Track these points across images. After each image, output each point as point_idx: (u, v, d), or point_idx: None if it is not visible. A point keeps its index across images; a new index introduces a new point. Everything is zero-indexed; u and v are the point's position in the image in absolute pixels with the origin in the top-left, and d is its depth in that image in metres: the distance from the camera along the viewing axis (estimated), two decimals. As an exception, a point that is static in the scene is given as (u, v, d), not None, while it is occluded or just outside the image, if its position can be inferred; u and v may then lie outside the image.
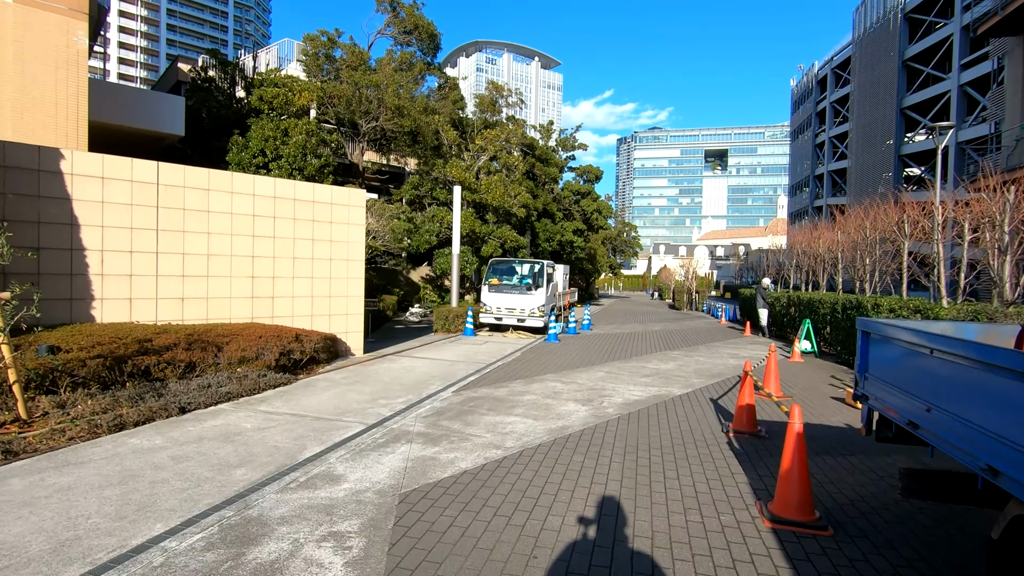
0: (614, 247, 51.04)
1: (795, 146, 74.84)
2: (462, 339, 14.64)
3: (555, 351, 12.90)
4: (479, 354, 11.95)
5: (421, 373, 9.38)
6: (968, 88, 36.28)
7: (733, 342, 16.21)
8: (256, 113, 17.96)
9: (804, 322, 13.59)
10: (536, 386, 8.59)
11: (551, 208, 26.56)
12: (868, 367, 4.03)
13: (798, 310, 16.26)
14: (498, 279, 16.40)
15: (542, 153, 26.50)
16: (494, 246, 20.87)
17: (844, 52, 57.41)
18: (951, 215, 11.86)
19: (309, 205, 10.30)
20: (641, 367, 10.92)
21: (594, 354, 12.61)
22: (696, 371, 10.65)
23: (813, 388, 9.29)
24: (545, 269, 15.94)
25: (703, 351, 13.87)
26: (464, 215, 20.36)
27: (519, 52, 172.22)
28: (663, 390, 8.63)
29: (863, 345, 4.07)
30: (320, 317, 10.48)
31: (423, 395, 7.66)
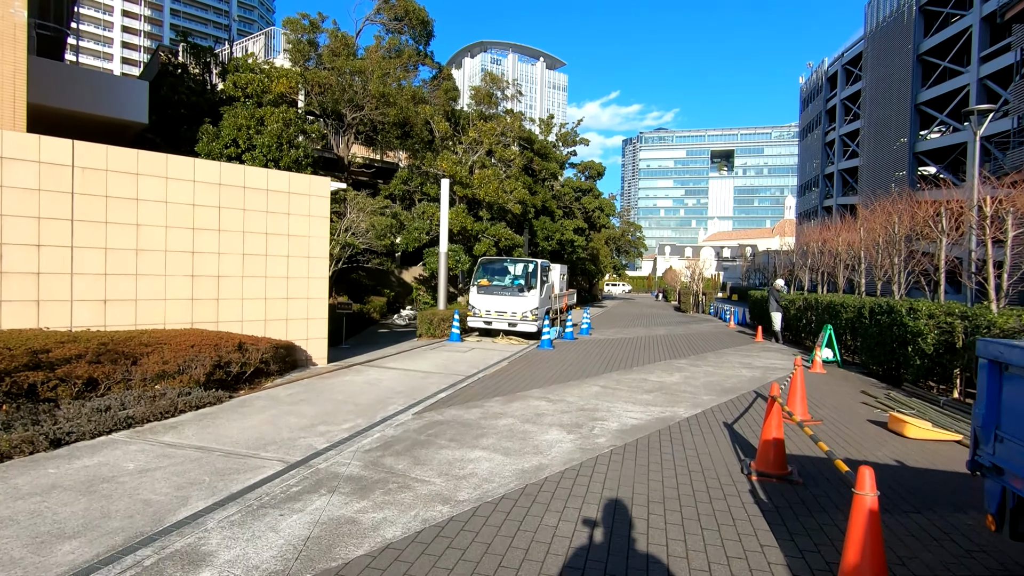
0: (618, 247, 49.65)
1: (804, 145, 73.21)
2: (446, 345, 13.33)
3: (547, 360, 11.56)
4: (460, 363, 10.63)
5: (385, 388, 8.06)
6: (988, 81, 34.69)
7: (744, 349, 14.82)
8: (231, 101, 16.75)
9: (825, 328, 12.20)
10: (517, 405, 7.26)
11: (550, 205, 25.23)
12: (1002, 419, 2.61)
13: (816, 314, 14.85)
14: (488, 280, 15.09)
15: (541, 147, 25.18)
16: (487, 244, 19.56)
17: (855, 48, 55.86)
18: (988, 209, 10.45)
19: (262, 194, 9.01)
20: (642, 380, 9.56)
21: (590, 363, 11.27)
22: (705, 385, 9.28)
23: (844, 408, 7.91)
24: (539, 269, 14.63)
25: (712, 360, 12.50)
26: (455, 211, 19.07)
27: (524, 52, 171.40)
28: (667, 411, 7.28)
29: (991, 383, 2.64)
30: (275, 322, 9.19)
31: (376, 418, 6.34)
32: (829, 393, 8.97)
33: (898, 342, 9.88)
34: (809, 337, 15.99)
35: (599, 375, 9.92)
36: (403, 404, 7.12)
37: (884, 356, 10.44)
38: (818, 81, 66.16)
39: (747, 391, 8.91)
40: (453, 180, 19.52)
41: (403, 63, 19.44)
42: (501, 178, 20.10)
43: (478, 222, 20.32)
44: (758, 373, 10.75)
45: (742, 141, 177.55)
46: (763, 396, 8.49)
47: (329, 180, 9.81)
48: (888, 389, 9.45)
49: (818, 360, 11.43)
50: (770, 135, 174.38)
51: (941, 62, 39.92)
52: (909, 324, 9.44)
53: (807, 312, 15.94)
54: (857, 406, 8.08)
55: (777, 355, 13.69)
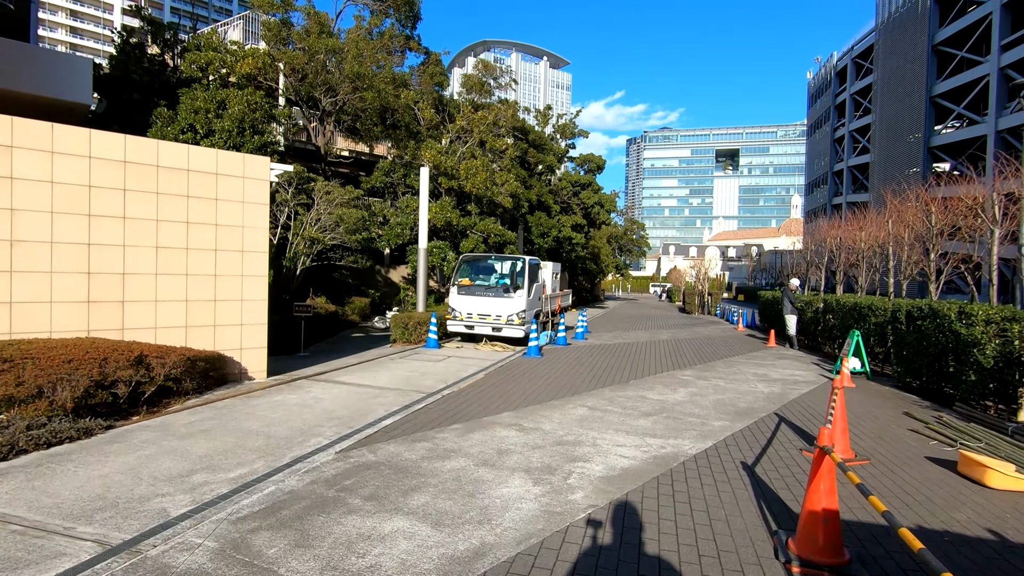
0: (620, 246, 48.08)
1: (812, 142, 71.37)
2: (421, 353, 11.80)
3: (531, 371, 10.01)
4: (428, 376, 9.09)
5: (319, 412, 6.53)
6: (1010, 71, 32.90)
7: (757, 357, 13.23)
8: (193, 84, 15.28)
9: (852, 334, 10.60)
10: (478, 437, 5.72)
11: (546, 200, 23.67)
12: None
13: (837, 318, 13.24)
14: (470, 279, 13.55)
15: (537, 138, 23.63)
16: (475, 241, 18.04)
17: (866, 41, 54.07)
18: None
19: (181, 175, 7.50)
20: (640, 398, 8.00)
21: (581, 376, 9.71)
22: (716, 405, 7.71)
23: (890, 438, 6.33)
24: (527, 267, 13.08)
25: (721, 370, 10.92)
26: (440, 204, 17.55)
27: (528, 51, 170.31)
28: (669, 444, 5.73)
29: None
30: (200, 329, 7.68)
31: (283, 460, 4.81)
32: (866, 416, 7.38)
33: (945, 352, 8.29)
34: (828, 343, 14.38)
35: (589, 391, 8.37)
36: (331, 436, 5.58)
37: (926, 368, 8.85)
38: (826, 76, 64.36)
39: (766, 412, 7.34)
40: (438, 171, 18.02)
41: (383, 45, 17.94)
42: (491, 169, 18.56)
43: (466, 217, 18.80)
44: (776, 388, 9.17)
45: (747, 140, 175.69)
46: (787, 422, 6.91)
47: (269, 160, 8.29)
48: (935, 409, 7.86)
49: (845, 372, 9.83)
50: (775, 134, 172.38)
51: (958, 52, 38.13)
52: (961, 332, 7.84)
53: (826, 315, 14.34)
54: (905, 435, 6.50)
55: (795, 364, 12.10)
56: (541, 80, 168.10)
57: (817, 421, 6.97)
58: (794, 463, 5.29)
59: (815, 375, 10.79)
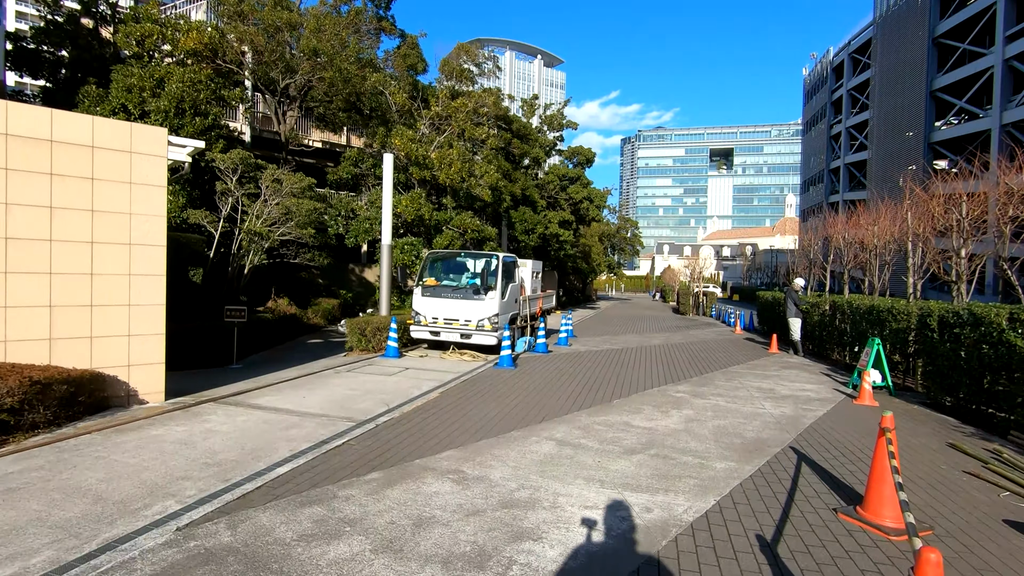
0: (612, 245, 46.68)
1: (807, 139, 70.30)
2: (376, 363, 10.25)
3: (498, 388, 8.49)
4: (368, 397, 7.54)
5: (199, 454, 4.98)
6: (1015, 62, 31.66)
7: (759, 365, 11.77)
8: (126, 60, 13.66)
9: (872, 343, 9.14)
10: (396, 496, 4.19)
11: (532, 194, 22.15)
12: None
13: (849, 322, 11.80)
14: (436, 279, 12.00)
15: (521, 128, 22.11)
16: (451, 237, 16.50)
17: (863, 35, 52.93)
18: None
19: (41, 147, 5.92)
20: (623, 426, 6.49)
21: (556, 393, 8.19)
22: (717, 434, 6.21)
23: (942, 482, 4.85)
24: (501, 265, 11.56)
25: (721, 384, 9.44)
26: (411, 197, 16.00)
27: (522, 50, 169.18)
28: (656, 504, 4.22)
29: None
30: (70, 342, 6.10)
31: (88, 546, 3.25)
32: (903, 447, 5.90)
33: (993, 368, 6.83)
34: (837, 350, 12.95)
35: (562, 416, 6.85)
36: (192, 496, 4.03)
37: (965, 386, 7.39)
38: (823, 72, 63.24)
39: (780, 446, 5.84)
40: (409, 160, 16.48)
41: (351, 22, 16.35)
42: (469, 159, 17.02)
43: (441, 211, 17.26)
44: (787, 408, 7.68)
45: (741, 139, 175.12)
46: (809, 461, 5.42)
47: (164, 132, 6.71)
48: (983, 438, 6.40)
49: (867, 388, 8.37)
50: (770, 133, 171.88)
51: (960, 44, 36.91)
52: (1017, 343, 6.38)
53: (834, 319, 12.90)
54: (961, 480, 5.02)
55: (803, 375, 10.63)
56: (535, 79, 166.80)
57: (846, 459, 5.48)
58: (831, 536, 3.79)
59: (828, 389, 9.33)
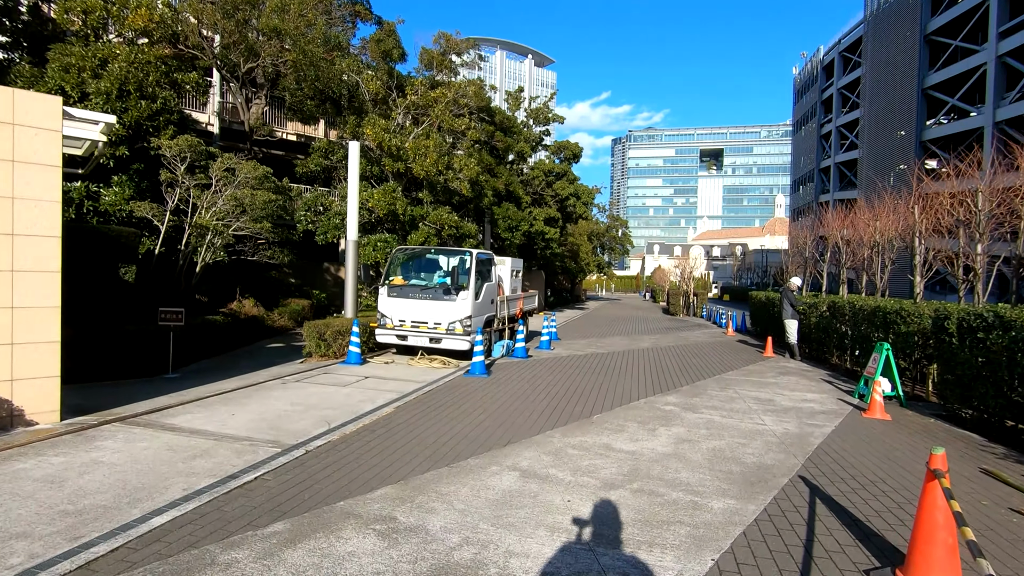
0: (602, 244, 45.87)
1: (797, 139, 69.98)
2: (333, 371, 9.21)
3: (463, 401, 7.48)
4: (308, 414, 6.51)
5: (62, 498, 3.91)
6: (1009, 59, 31.17)
7: (754, 371, 10.87)
8: (67, 38, 12.51)
9: (881, 348, 8.25)
10: (296, 560, 3.18)
11: (516, 190, 21.15)
12: None
13: (851, 325, 10.93)
14: (404, 277, 10.97)
15: (504, 120, 21.11)
16: (426, 233, 15.47)
17: (854, 33, 52.55)
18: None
19: None
20: (603, 450, 5.52)
21: (529, 407, 7.21)
22: (712, 460, 5.26)
23: (987, 522, 3.92)
24: (475, 263, 10.55)
25: (714, 393, 8.51)
26: (383, 190, 14.95)
27: (512, 50, 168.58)
28: (634, 571, 3.25)
29: None
30: (-68, 352, 5.02)
31: None
32: (931, 477, 4.97)
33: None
34: (836, 353, 12.09)
35: (532, 437, 5.87)
36: (7, 570, 3.00)
37: (990, 397, 6.50)
38: (813, 71, 62.88)
39: (787, 475, 4.90)
40: (383, 151, 15.44)
41: (321, 2, 15.25)
42: (446, 151, 16.00)
43: (417, 206, 16.22)
44: (791, 425, 6.75)
45: (731, 140, 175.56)
46: (824, 496, 4.47)
47: (57, 100, 5.64)
48: (1016, 459, 5.51)
49: (877, 400, 7.47)
50: (759, 134, 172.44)
51: (952, 41, 36.45)
52: (1059, 351, 5.49)
53: (833, 320, 12.05)
54: (1009, 521, 4.10)
55: (803, 382, 9.73)
56: (526, 78, 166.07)
57: (868, 493, 4.55)
58: (868, 618, 2.84)
59: (833, 400, 8.43)
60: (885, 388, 8.27)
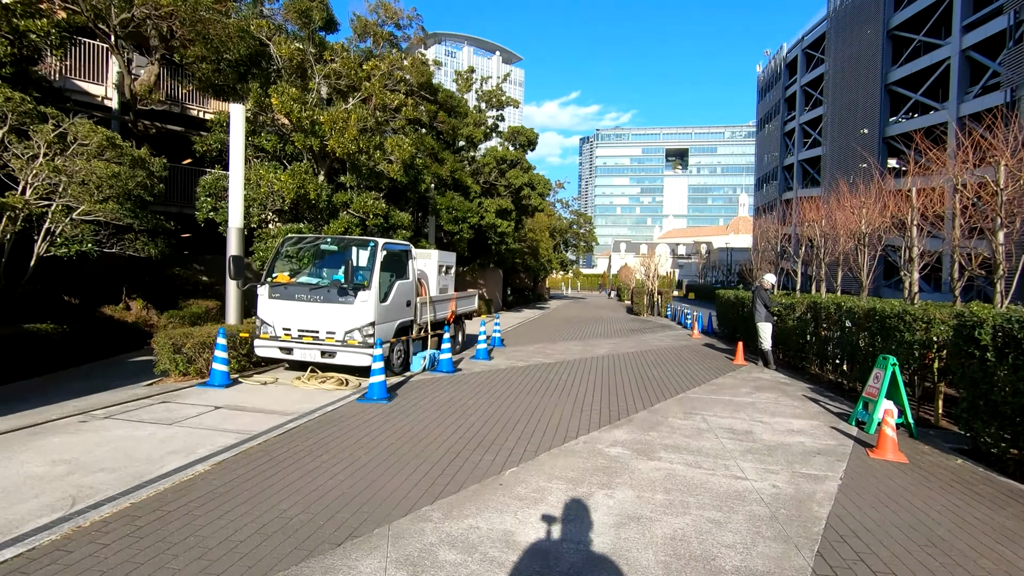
0: (565, 240, 44.10)
1: (761, 136, 69.85)
2: (180, 398, 6.88)
3: (329, 446, 5.29)
4: (56, 485, 4.17)
5: None
6: (973, 53, 30.62)
7: (726, 385, 9.01)
8: None
9: (884, 362, 6.46)
10: None
11: (462, 178, 18.97)
12: None
13: (842, 331, 9.19)
14: (291, 274, 8.67)
15: (448, 99, 18.89)
16: (347, 223, 13.15)
17: (817, 30, 52.19)
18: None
19: None
20: (498, 547, 3.43)
21: (416, 457, 5.07)
22: (669, 562, 3.26)
23: None
24: (382, 255, 8.34)
25: (677, 422, 6.56)
26: (291, 171, 12.57)
27: (480, 46, 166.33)
28: None
29: None
30: None
31: None
32: (992, 561, 3.07)
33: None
34: (816, 362, 10.38)
35: (397, 520, 3.73)
36: None
37: None
38: (776, 68, 62.68)
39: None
40: (295, 126, 13.06)
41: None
42: (372, 127, 13.72)
43: (340, 191, 13.88)
44: (782, 478, 4.81)
45: (696, 140, 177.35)
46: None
47: None
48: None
49: (889, 435, 5.63)
50: (723, 134, 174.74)
51: (916, 36, 35.97)
52: None
53: (813, 324, 10.33)
54: None
55: (784, 401, 7.89)
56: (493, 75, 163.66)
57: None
58: None
59: (825, 429, 6.59)
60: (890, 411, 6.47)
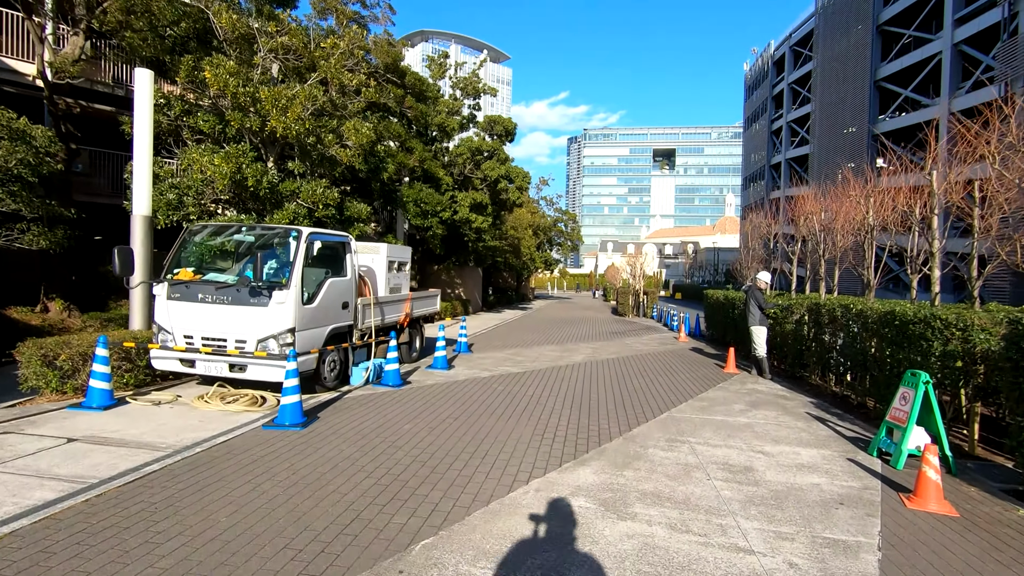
0: (549, 239, 42.81)
1: (748, 135, 69.15)
2: (34, 426, 5.39)
3: (188, 500, 3.85)
4: None
5: None
6: (965, 47, 29.83)
7: (718, 400, 7.71)
8: None
9: (914, 379, 5.19)
10: None
11: (432, 168, 17.51)
12: None
13: (852, 337, 7.93)
14: (196, 270, 7.19)
15: (416, 83, 17.42)
16: (293, 214, 11.65)
17: (805, 27, 51.44)
18: None
19: None
20: None
21: (309, 513, 3.66)
22: None
23: None
24: (306, 247, 6.90)
25: (659, 453, 5.22)
26: (225, 154, 11.05)
27: (467, 44, 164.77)
28: None
29: None
30: None
31: None
32: None
33: None
34: (818, 371, 9.12)
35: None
36: None
37: None
38: (764, 66, 61.95)
39: None
40: (234, 103, 11.56)
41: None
42: (322, 103, 12.25)
43: (288, 180, 12.39)
44: (799, 548, 3.47)
45: (683, 140, 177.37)
46: None
47: None
48: None
49: (932, 479, 4.32)
50: (710, 135, 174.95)
51: (906, 31, 35.21)
52: None
53: (814, 328, 9.08)
54: None
55: (786, 421, 6.58)
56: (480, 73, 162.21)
57: None
58: None
59: (842, 462, 5.29)
60: (920, 444, 5.18)
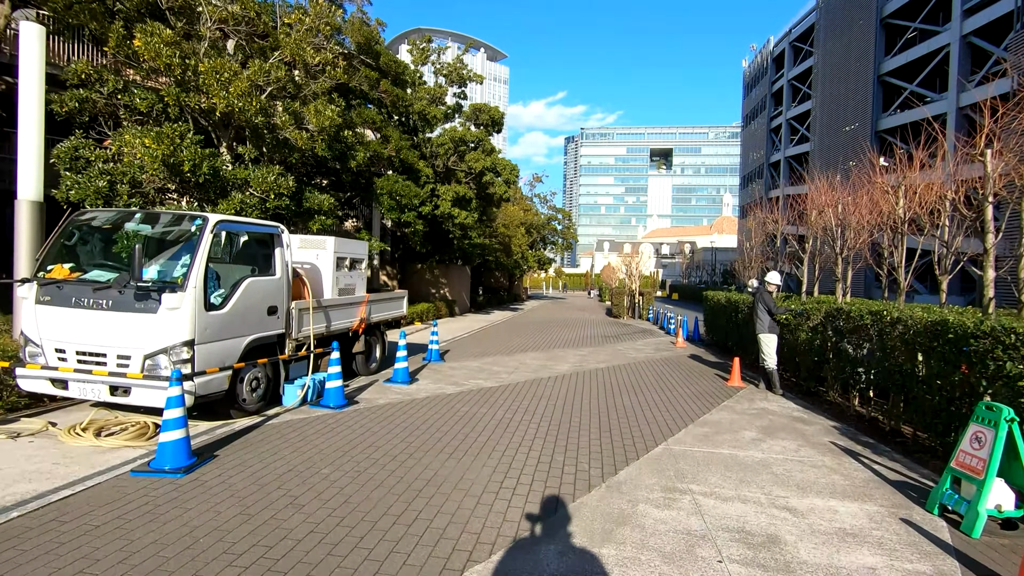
0: (543, 237, 41.47)
1: (747, 133, 67.91)
2: None
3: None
4: None
5: None
6: (975, 38, 28.59)
7: (722, 424, 6.37)
8: None
9: (993, 416, 3.86)
10: None
11: (409, 158, 16.12)
12: None
13: (885, 351, 6.59)
14: (76, 267, 5.79)
15: (390, 65, 16.01)
16: (240, 203, 10.24)
17: (805, 22, 50.21)
18: None
19: None
20: None
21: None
22: None
23: None
24: (206, 236, 5.52)
25: (650, 502, 3.87)
26: (156, 135, 9.63)
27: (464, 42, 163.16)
28: None
29: None
30: None
31: None
32: None
33: None
34: (837, 389, 7.77)
35: None
36: None
37: None
38: (763, 63, 60.72)
39: None
40: (172, 78, 10.16)
41: None
42: (279, 78, 10.86)
43: (240, 167, 10.97)
44: None
45: (680, 140, 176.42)
46: None
47: None
48: None
49: None
50: (707, 135, 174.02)
51: (911, 23, 33.95)
52: None
53: (836, 336, 7.74)
54: None
55: (809, 456, 5.21)
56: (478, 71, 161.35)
57: None
58: None
59: (894, 523, 3.92)
60: (1003, 503, 3.85)
